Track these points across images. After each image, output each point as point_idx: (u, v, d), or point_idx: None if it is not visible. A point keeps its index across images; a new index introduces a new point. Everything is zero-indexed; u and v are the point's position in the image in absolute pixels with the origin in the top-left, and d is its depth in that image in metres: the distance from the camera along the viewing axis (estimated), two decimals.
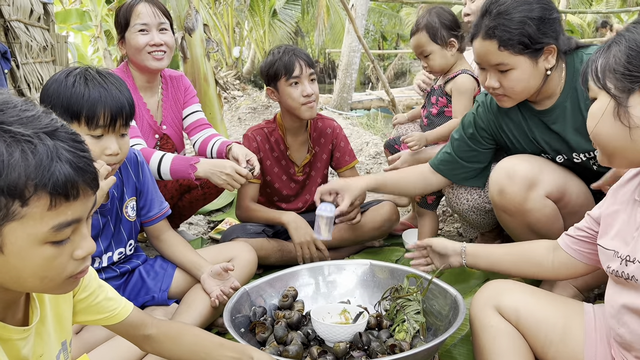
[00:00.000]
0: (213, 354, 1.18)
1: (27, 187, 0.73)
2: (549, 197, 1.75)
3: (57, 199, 0.75)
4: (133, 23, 2.26)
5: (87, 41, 10.53)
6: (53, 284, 0.82)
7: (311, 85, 2.24)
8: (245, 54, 13.92)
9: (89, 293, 1.08)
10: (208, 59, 4.08)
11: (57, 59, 4.85)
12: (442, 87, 2.35)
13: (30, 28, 4.25)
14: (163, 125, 2.43)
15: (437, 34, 2.28)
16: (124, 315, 1.14)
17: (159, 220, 1.89)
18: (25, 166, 0.73)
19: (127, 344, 1.42)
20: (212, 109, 4.06)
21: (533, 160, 1.77)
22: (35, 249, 0.77)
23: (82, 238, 0.82)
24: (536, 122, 1.80)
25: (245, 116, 7.11)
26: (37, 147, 0.74)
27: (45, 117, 0.78)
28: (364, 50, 6.37)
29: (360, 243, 2.49)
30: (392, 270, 1.79)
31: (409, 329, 1.55)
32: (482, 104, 1.92)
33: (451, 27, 2.29)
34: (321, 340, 1.55)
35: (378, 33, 17.93)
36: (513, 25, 1.60)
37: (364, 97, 9.52)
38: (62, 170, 0.75)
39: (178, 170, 2.08)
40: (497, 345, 1.32)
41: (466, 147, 1.96)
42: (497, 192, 1.78)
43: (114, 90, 1.53)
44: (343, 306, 1.63)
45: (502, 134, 1.89)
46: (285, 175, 2.43)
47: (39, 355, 0.93)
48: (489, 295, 1.38)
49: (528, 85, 1.68)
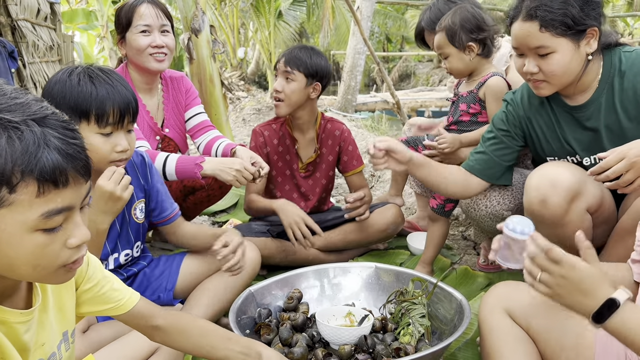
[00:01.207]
0: (220, 347, 1.18)
1: (14, 174, 0.73)
2: (588, 211, 1.69)
3: (45, 186, 0.75)
4: (135, 24, 2.24)
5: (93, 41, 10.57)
6: (46, 272, 0.81)
7: (282, 82, 2.26)
8: (249, 54, 13.95)
9: (93, 284, 1.08)
10: (214, 60, 4.09)
11: (63, 59, 4.86)
12: (475, 92, 2.25)
13: (37, 27, 4.26)
14: (165, 128, 2.43)
15: (455, 36, 2.20)
16: (130, 306, 1.14)
17: (174, 219, 1.87)
18: (12, 152, 0.73)
19: (133, 344, 1.43)
20: (217, 109, 4.07)
21: (575, 170, 1.70)
22: (25, 236, 0.77)
23: (75, 226, 0.81)
24: (568, 119, 1.75)
25: (250, 117, 7.11)
26: (24, 133, 0.74)
27: (35, 104, 0.78)
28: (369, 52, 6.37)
29: (365, 245, 2.49)
30: (397, 274, 1.79)
31: (414, 332, 1.54)
32: (512, 101, 1.87)
33: (472, 31, 2.18)
34: (326, 342, 1.55)
35: (383, 35, 17.92)
36: (556, 5, 1.56)
37: (368, 99, 9.51)
38: (49, 157, 0.75)
39: (184, 170, 2.07)
40: (506, 348, 1.30)
41: (500, 144, 1.88)
42: (538, 200, 1.68)
43: (119, 86, 1.53)
44: (348, 309, 1.63)
45: (532, 131, 1.84)
46: (288, 170, 2.43)
47: (41, 344, 0.93)
48: (499, 298, 1.36)
49: (568, 70, 1.61)
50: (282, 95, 2.25)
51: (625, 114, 1.65)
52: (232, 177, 2.01)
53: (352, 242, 2.42)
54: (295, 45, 2.39)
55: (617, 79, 1.65)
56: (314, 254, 2.38)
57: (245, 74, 12.50)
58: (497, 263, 2.32)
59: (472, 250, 2.61)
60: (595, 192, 1.69)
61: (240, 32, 13.19)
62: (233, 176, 2.01)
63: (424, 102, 9.54)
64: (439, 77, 15.53)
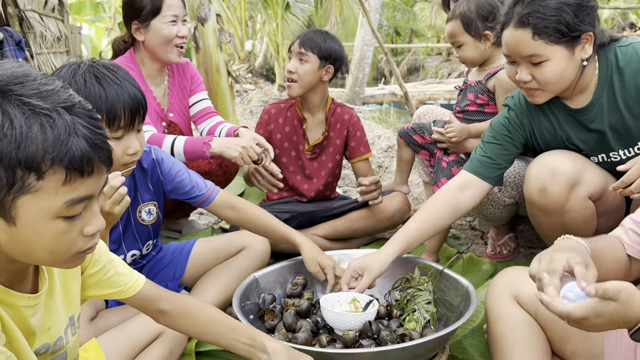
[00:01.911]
0: (225, 337, 1.18)
1: (44, 161, 0.74)
2: (590, 198, 1.66)
3: (73, 174, 0.77)
4: (165, 12, 2.22)
5: (101, 33, 10.59)
6: (62, 258, 0.83)
7: (296, 63, 2.26)
8: (257, 48, 13.93)
9: (99, 268, 1.09)
10: (220, 50, 4.08)
11: (71, 50, 4.87)
12: (484, 83, 2.20)
13: (44, 18, 4.27)
14: (170, 113, 2.43)
15: (471, 24, 2.12)
16: (135, 290, 1.15)
17: (212, 198, 1.78)
18: (44, 140, 0.74)
19: (136, 330, 1.43)
20: (223, 99, 4.06)
21: (576, 158, 1.68)
22: (47, 223, 0.78)
23: (92, 215, 0.83)
24: (571, 122, 1.71)
25: (257, 109, 7.10)
26: (55, 121, 0.75)
27: (63, 92, 0.79)
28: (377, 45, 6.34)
29: (372, 234, 2.48)
30: (403, 261, 1.77)
31: (419, 318, 1.53)
32: (514, 106, 1.80)
33: (488, 19, 2.11)
34: (330, 328, 1.54)
35: (391, 28, 17.81)
36: (549, 11, 1.50)
37: (376, 92, 9.47)
38: (78, 146, 0.76)
39: (192, 150, 2.06)
40: (514, 335, 1.28)
41: (499, 148, 1.80)
42: (538, 189, 1.66)
43: (128, 85, 1.46)
44: (353, 295, 1.61)
45: (534, 136, 1.79)
46: (294, 151, 2.43)
47: (47, 328, 0.94)
48: (507, 284, 1.34)
49: (563, 77, 1.57)
50: (295, 76, 2.28)
51: (629, 112, 1.60)
52: (237, 154, 2.01)
53: (359, 230, 2.41)
54: (310, 29, 2.39)
55: (616, 76, 1.60)
56: (320, 242, 2.37)
57: (252, 66, 12.49)
58: (504, 252, 2.32)
59: (479, 240, 2.59)
60: (597, 180, 1.67)
61: (248, 25, 13.17)
62: (239, 152, 2.01)
63: (433, 94, 9.48)
64: (447, 70, 15.42)
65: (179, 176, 1.78)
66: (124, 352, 1.37)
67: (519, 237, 2.41)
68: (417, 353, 1.35)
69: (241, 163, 2.04)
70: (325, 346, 1.41)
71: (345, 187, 3.50)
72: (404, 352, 1.32)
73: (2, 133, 0.73)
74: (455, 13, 2.15)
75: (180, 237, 2.57)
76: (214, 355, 1.74)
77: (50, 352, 0.96)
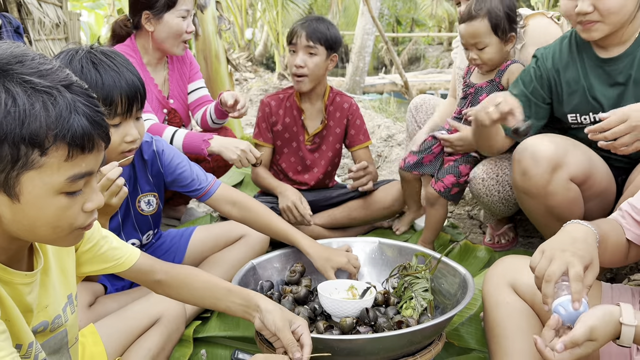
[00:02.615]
0: (223, 300, 1.23)
1: (47, 137, 0.76)
2: (573, 181, 1.68)
3: (75, 151, 0.78)
4: (179, 7, 2.21)
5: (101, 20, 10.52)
6: (64, 234, 0.85)
7: (305, 57, 2.22)
8: (257, 36, 13.85)
9: (93, 244, 1.11)
10: (220, 37, 4.05)
11: (69, 37, 4.84)
12: (497, 81, 2.07)
13: (43, 4, 4.24)
14: (170, 99, 2.42)
15: (499, 25, 1.95)
16: (130, 264, 1.18)
17: (212, 192, 1.76)
18: (46, 116, 0.76)
19: (134, 315, 1.43)
20: (223, 87, 4.04)
21: (559, 141, 1.69)
22: (50, 199, 0.80)
23: (92, 191, 0.85)
24: (599, 74, 1.73)
25: (257, 98, 7.08)
26: (56, 98, 0.77)
27: (61, 71, 0.81)
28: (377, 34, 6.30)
29: (369, 223, 2.48)
30: (401, 249, 1.78)
31: (416, 306, 1.53)
32: (542, 56, 1.82)
33: (513, 19, 1.98)
34: (328, 315, 1.54)
35: (393, 17, 17.69)
36: None
37: (377, 81, 9.45)
38: (80, 123, 0.78)
39: (191, 146, 2.06)
40: (511, 322, 1.29)
41: (526, 102, 1.81)
42: (520, 173, 1.70)
43: (125, 72, 1.44)
44: (350, 282, 1.62)
45: (558, 86, 1.80)
46: (295, 142, 2.42)
47: (44, 306, 0.95)
48: (504, 272, 1.35)
49: (624, 8, 1.58)
50: (305, 70, 2.22)
51: None
52: (235, 157, 2.00)
53: (357, 219, 2.41)
54: (305, 17, 2.34)
55: None
56: (318, 231, 2.37)
57: (252, 55, 12.43)
58: (503, 242, 2.32)
59: (477, 229, 2.60)
60: (580, 162, 1.68)
61: (248, 13, 13.08)
62: (237, 155, 2.00)
63: (433, 84, 9.45)
64: (448, 60, 15.33)
65: (179, 168, 1.76)
66: (122, 338, 1.37)
67: (517, 227, 2.41)
68: (413, 340, 1.35)
69: (239, 165, 2.04)
70: (323, 332, 1.42)
71: (345, 175, 3.49)
72: (400, 339, 1.32)
73: (5, 110, 0.74)
74: (482, 11, 1.95)
75: (179, 225, 2.57)
76: (212, 341, 1.75)
77: (49, 330, 0.97)
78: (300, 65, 2.21)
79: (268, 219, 1.74)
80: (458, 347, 1.66)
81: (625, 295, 1.28)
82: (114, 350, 1.34)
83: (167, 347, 1.44)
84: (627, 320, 1.00)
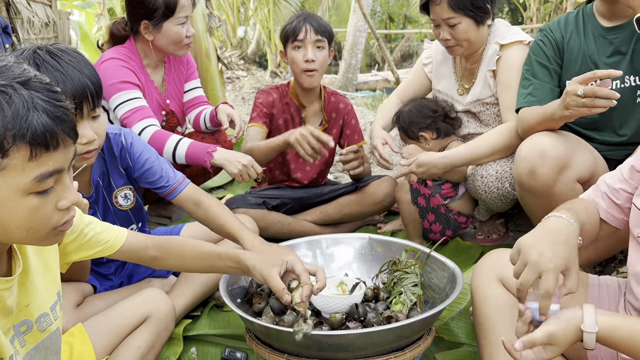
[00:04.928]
0: (217, 265, 1.34)
1: (5, 138, 0.73)
2: (578, 181, 1.67)
3: (37, 150, 0.76)
4: (178, 15, 2.19)
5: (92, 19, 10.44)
6: (39, 234, 0.83)
7: (315, 51, 2.21)
8: (250, 34, 13.79)
9: (76, 234, 1.11)
10: (210, 34, 4.04)
11: (59, 36, 4.82)
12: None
13: (32, 3, 4.22)
14: (167, 100, 2.41)
15: None
16: (119, 245, 1.20)
17: (179, 190, 1.72)
18: (2, 117, 0.73)
19: (122, 314, 1.42)
20: (213, 85, 4.03)
21: (566, 141, 1.69)
22: (19, 200, 0.78)
23: (65, 188, 0.83)
24: (602, 43, 1.78)
25: (249, 96, 7.06)
26: (11, 97, 0.74)
27: (17, 67, 0.78)
28: (370, 31, 6.29)
29: (361, 218, 2.49)
30: (391, 244, 1.78)
31: (405, 301, 1.53)
32: (547, 28, 1.90)
33: None
34: (317, 311, 1.54)
35: (385, 14, 17.67)
36: None
37: (369, 78, 9.43)
38: (39, 120, 0.75)
39: (194, 156, 2.06)
40: (499, 316, 1.30)
41: (546, 73, 1.86)
42: (527, 171, 1.68)
43: (70, 70, 1.35)
44: (340, 278, 1.62)
45: (565, 54, 1.85)
46: None
47: (25, 306, 0.94)
48: (492, 266, 1.36)
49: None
50: (316, 64, 2.21)
51: None
52: (237, 171, 2.00)
53: (349, 215, 2.42)
54: (299, 13, 2.32)
55: None
56: (310, 227, 2.38)
57: (245, 53, 12.39)
58: (494, 237, 2.33)
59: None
60: (586, 163, 1.68)
61: (240, 11, 13.03)
62: (239, 170, 2.00)
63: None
64: None
65: (147, 163, 1.72)
66: (110, 337, 1.36)
67: (508, 222, 2.42)
68: (402, 334, 1.35)
69: (239, 180, 2.03)
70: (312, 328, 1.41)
71: (336, 172, 3.49)
72: (389, 334, 1.32)
73: None
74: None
75: (169, 223, 2.56)
76: (202, 339, 1.74)
77: (36, 329, 0.95)
78: (311, 59, 2.20)
79: (224, 219, 1.66)
80: (448, 342, 1.66)
81: (611, 288, 1.29)
82: (102, 349, 1.33)
83: (157, 345, 1.43)
84: (588, 327, 1.00)
